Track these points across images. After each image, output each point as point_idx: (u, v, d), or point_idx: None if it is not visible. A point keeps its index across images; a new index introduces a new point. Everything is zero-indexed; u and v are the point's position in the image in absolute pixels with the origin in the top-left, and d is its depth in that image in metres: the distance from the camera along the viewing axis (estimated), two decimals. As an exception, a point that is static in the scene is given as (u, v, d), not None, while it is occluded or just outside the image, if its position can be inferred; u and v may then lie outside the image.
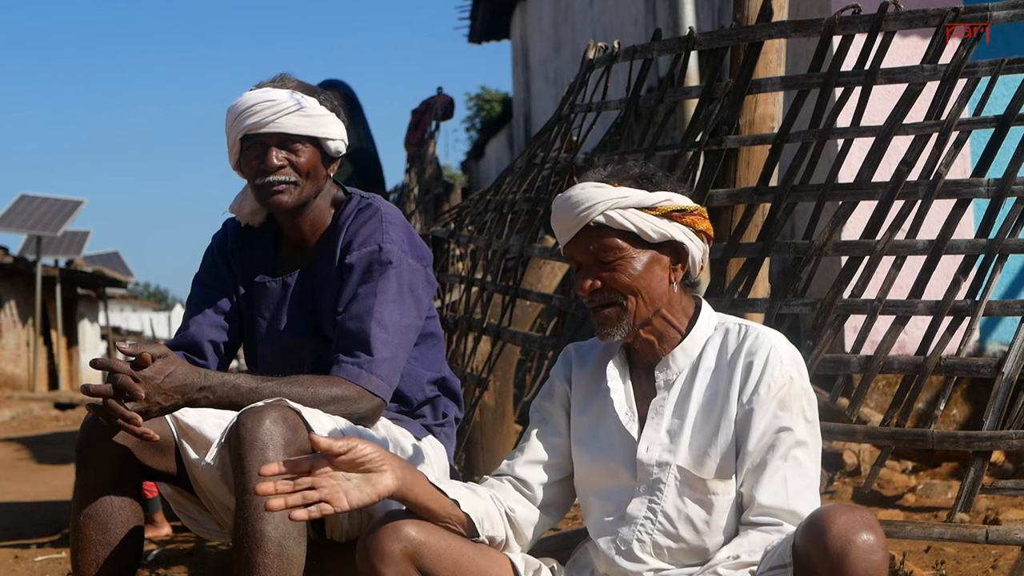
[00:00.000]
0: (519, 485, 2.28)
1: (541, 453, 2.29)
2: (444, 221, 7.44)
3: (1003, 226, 3.16)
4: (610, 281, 2.13)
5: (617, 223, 2.11)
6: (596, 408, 2.24)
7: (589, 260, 2.15)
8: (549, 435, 2.30)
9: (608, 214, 2.11)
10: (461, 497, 2.15)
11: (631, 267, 2.13)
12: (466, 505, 2.14)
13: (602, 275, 2.14)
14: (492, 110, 20.93)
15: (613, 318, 2.15)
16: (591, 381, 2.27)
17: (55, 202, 20.19)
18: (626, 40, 5.03)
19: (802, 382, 2.14)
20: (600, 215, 2.11)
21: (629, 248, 2.13)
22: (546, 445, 2.29)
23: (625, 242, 2.13)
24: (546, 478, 2.28)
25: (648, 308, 2.15)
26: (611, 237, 2.12)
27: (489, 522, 2.19)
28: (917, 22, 3.31)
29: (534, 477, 2.27)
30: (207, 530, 2.79)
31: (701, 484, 2.13)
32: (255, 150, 2.65)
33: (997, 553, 3.59)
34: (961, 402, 5.33)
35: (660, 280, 2.16)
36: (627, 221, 2.11)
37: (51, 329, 21.86)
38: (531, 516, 2.26)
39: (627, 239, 2.13)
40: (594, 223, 2.12)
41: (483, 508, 2.19)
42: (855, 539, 1.86)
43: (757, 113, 3.78)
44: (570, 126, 4.51)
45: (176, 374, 2.39)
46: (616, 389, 2.22)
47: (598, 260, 2.14)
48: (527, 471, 2.28)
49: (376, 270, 2.61)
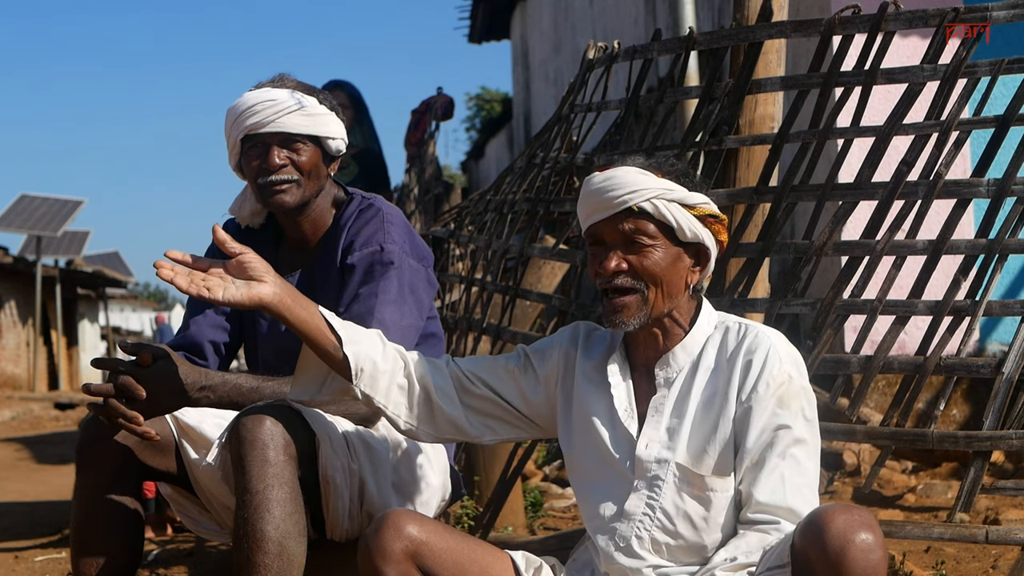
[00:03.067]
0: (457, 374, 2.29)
1: (497, 379, 2.29)
2: (444, 221, 7.44)
3: (1003, 226, 3.16)
4: (637, 266, 2.13)
5: (660, 213, 2.12)
6: (596, 401, 2.24)
7: (617, 241, 2.14)
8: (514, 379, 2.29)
9: (655, 202, 2.12)
10: (349, 340, 2.20)
11: (661, 257, 2.14)
12: (349, 348, 2.20)
13: (629, 258, 2.14)
14: (492, 110, 20.93)
15: (632, 307, 2.14)
16: (592, 375, 2.27)
17: (55, 202, 20.20)
18: (626, 40, 5.03)
19: (801, 381, 2.14)
20: (647, 202, 2.12)
21: (662, 238, 2.14)
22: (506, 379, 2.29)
23: (660, 232, 2.14)
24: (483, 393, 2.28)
25: (665, 303, 2.16)
26: (650, 224, 2.13)
27: (370, 377, 2.22)
28: (917, 22, 3.31)
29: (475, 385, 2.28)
30: (207, 530, 2.80)
31: (699, 481, 2.13)
32: (256, 150, 2.64)
33: (997, 553, 3.59)
34: (961, 402, 5.33)
35: (680, 278, 2.17)
36: (669, 213, 2.12)
37: (51, 329, 21.87)
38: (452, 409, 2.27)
39: (663, 230, 2.14)
40: (637, 208, 2.12)
41: (369, 359, 2.21)
42: (854, 538, 1.86)
43: (757, 113, 3.78)
44: (570, 126, 4.51)
45: (177, 374, 2.39)
46: (617, 386, 2.22)
47: (628, 243, 2.14)
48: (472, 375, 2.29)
49: (377, 270, 2.61)
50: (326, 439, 2.42)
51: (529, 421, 2.32)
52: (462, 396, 2.29)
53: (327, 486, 2.45)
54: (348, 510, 2.51)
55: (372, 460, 2.54)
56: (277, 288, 2.20)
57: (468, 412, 2.30)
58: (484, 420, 2.30)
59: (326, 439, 2.42)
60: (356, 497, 2.51)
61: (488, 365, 2.32)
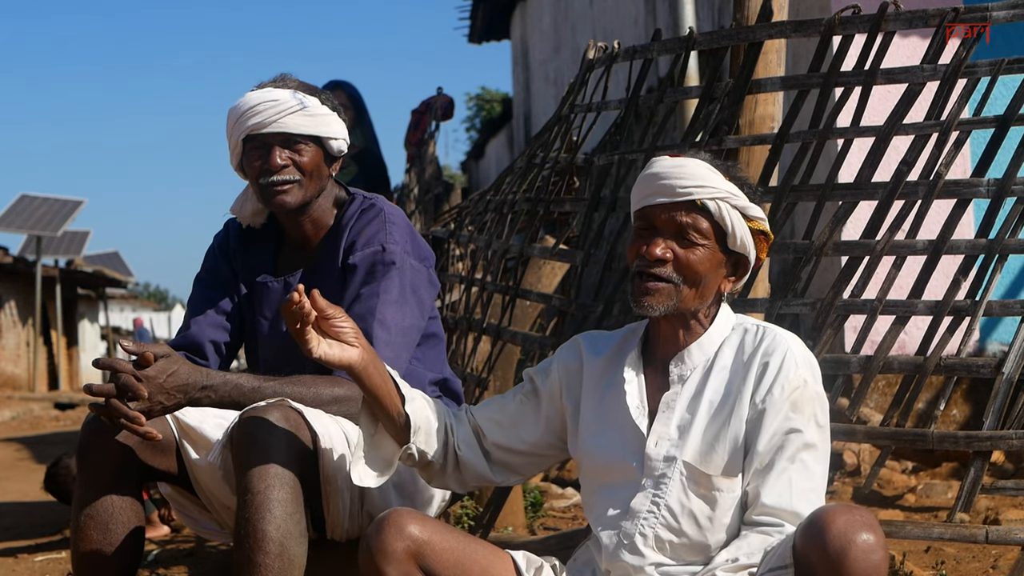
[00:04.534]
0: (476, 429, 2.34)
1: (510, 417, 2.33)
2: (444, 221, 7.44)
3: (1003, 226, 3.16)
4: (682, 259, 2.13)
5: (720, 215, 2.12)
6: (608, 400, 2.24)
7: (669, 229, 2.14)
8: (526, 408, 2.33)
9: (719, 203, 2.12)
10: (410, 399, 2.24)
11: (706, 256, 2.14)
12: (410, 407, 2.24)
13: (676, 250, 2.13)
14: (492, 110, 20.91)
15: (663, 294, 2.13)
16: (604, 372, 2.27)
17: (55, 202, 20.19)
18: (626, 40, 5.04)
19: (816, 386, 2.14)
20: (712, 200, 2.12)
21: (713, 240, 2.14)
22: (517, 413, 2.33)
23: (713, 234, 2.14)
24: (501, 440, 2.32)
25: (696, 302, 2.16)
26: (706, 222, 2.13)
27: (425, 435, 2.26)
28: (917, 22, 3.31)
29: (492, 433, 2.33)
30: (208, 530, 2.80)
31: (706, 480, 2.13)
32: (258, 150, 2.65)
33: (997, 553, 3.59)
34: (961, 402, 5.33)
35: (716, 283, 2.18)
36: (728, 217, 2.13)
37: (51, 329, 21.86)
38: (476, 461, 2.32)
39: (716, 233, 2.14)
40: (701, 203, 2.12)
41: (426, 420, 2.26)
42: (855, 539, 1.86)
43: (757, 113, 3.78)
44: (570, 126, 4.51)
45: (178, 373, 2.39)
46: (631, 381, 2.22)
47: (679, 234, 2.13)
48: (487, 424, 2.33)
49: (379, 271, 2.61)
50: (327, 439, 2.42)
51: (547, 449, 2.35)
52: (481, 450, 2.34)
53: (328, 486, 2.45)
54: (349, 510, 2.51)
55: (373, 460, 2.54)
56: (366, 353, 2.22)
57: (489, 463, 2.34)
58: (504, 468, 2.35)
59: (327, 439, 2.42)
60: (357, 497, 2.51)
61: (499, 405, 2.36)
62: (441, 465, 2.31)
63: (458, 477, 2.34)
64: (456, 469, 2.33)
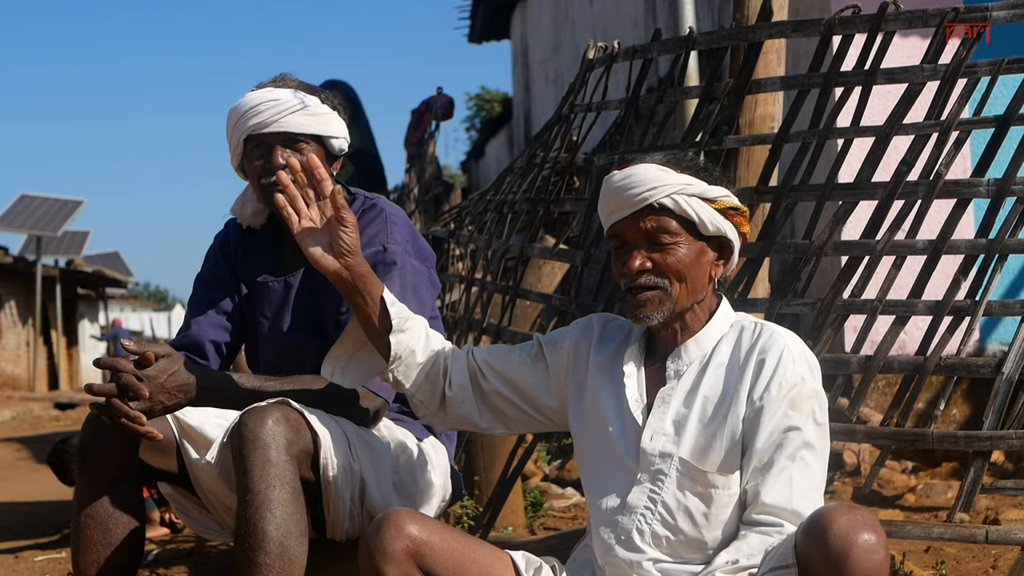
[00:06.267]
0: (475, 371, 2.34)
1: (514, 370, 2.34)
2: (444, 221, 7.45)
3: (1003, 226, 3.16)
4: (661, 263, 2.14)
5: (681, 208, 2.13)
6: (609, 391, 2.25)
7: (640, 239, 2.15)
8: (528, 368, 2.34)
9: (675, 198, 2.13)
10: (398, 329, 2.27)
11: (683, 253, 2.15)
12: (395, 338, 2.27)
13: (652, 256, 2.15)
14: (492, 110, 20.92)
15: (655, 301, 2.15)
16: (610, 362, 2.28)
17: (55, 202, 20.21)
18: (626, 40, 5.03)
19: (814, 384, 2.14)
20: (667, 197, 2.13)
21: (684, 234, 2.15)
22: (520, 370, 2.34)
23: (682, 228, 2.15)
24: (500, 387, 2.33)
25: (689, 297, 2.17)
26: (672, 220, 2.14)
27: (405, 367, 2.29)
28: (917, 22, 3.32)
29: (492, 378, 2.33)
30: (208, 530, 2.80)
31: (702, 477, 2.13)
32: (259, 150, 2.64)
33: (997, 553, 3.59)
34: (961, 402, 5.33)
35: (704, 272, 2.18)
36: (690, 208, 2.13)
37: (51, 329, 21.87)
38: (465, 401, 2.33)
39: (685, 226, 2.15)
40: (658, 204, 2.13)
41: (409, 353, 2.29)
42: (856, 539, 1.86)
43: (757, 113, 3.79)
44: (570, 126, 4.52)
45: (179, 373, 2.39)
46: (630, 375, 2.23)
47: (650, 241, 2.15)
48: (488, 369, 2.34)
49: (380, 271, 2.61)
50: (327, 439, 2.42)
51: (540, 412, 2.35)
52: (476, 391, 2.34)
53: (328, 486, 2.45)
54: (349, 510, 2.51)
55: (373, 460, 2.54)
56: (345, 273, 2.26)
57: (481, 406, 2.35)
58: (495, 414, 2.36)
59: (327, 439, 2.42)
60: (357, 497, 2.51)
61: (504, 355, 2.36)
62: (421, 401, 2.33)
63: (441, 416, 2.36)
64: (441, 407, 2.34)
